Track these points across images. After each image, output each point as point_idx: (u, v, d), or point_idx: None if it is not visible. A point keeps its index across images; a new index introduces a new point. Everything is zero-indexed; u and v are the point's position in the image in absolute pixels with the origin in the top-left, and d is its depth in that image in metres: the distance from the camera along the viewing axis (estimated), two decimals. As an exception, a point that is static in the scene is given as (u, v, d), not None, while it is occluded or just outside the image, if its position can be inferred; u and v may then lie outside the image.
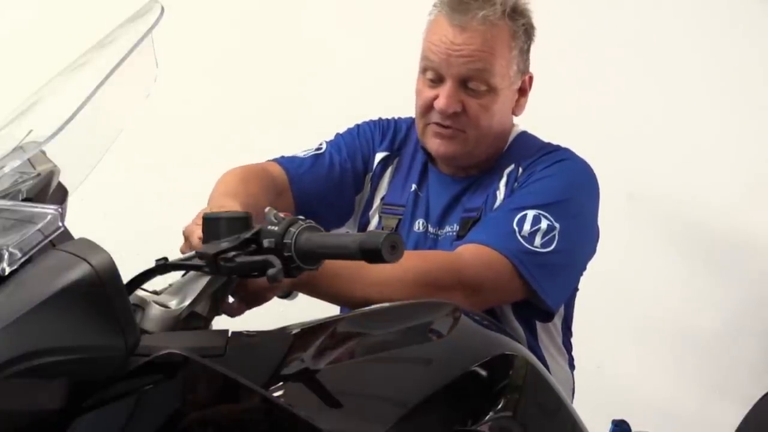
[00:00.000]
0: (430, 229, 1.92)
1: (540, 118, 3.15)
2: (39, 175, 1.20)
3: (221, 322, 1.26)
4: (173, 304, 1.21)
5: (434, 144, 1.88)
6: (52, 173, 1.23)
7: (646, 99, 3.11)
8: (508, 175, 1.90)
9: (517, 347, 1.42)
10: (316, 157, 1.99)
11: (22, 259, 1.03)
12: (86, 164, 1.32)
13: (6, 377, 0.97)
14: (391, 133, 2.02)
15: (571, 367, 1.98)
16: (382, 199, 1.98)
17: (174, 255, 1.31)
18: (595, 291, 2.62)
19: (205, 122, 2.89)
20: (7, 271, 1.02)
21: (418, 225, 1.93)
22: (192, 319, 1.22)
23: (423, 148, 1.96)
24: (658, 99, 3.12)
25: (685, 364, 3.10)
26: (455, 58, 1.82)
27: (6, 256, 1.02)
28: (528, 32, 1.90)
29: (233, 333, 1.17)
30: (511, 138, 1.96)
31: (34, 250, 1.04)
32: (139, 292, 1.21)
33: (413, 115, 1.96)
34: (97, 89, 1.12)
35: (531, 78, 1.95)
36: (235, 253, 1.18)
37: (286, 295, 1.48)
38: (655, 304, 3.08)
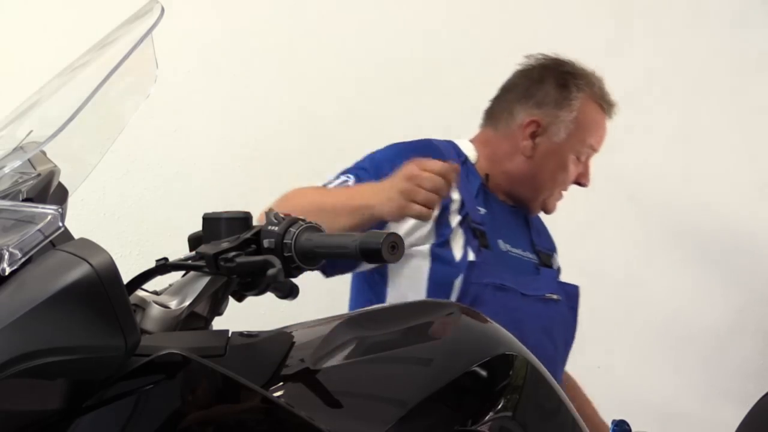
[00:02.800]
0: (511, 249, 2.11)
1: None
2: (39, 175, 1.20)
3: (221, 322, 1.26)
4: (173, 304, 1.21)
5: (555, 206, 2.21)
6: (52, 173, 1.22)
7: (648, 99, 3.11)
8: (545, 226, 2.28)
9: (517, 347, 1.42)
10: None
11: (22, 259, 1.03)
12: (86, 164, 1.32)
13: (6, 377, 0.97)
14: (440, 156, 2.03)
15: None
16: (466, 216, 2.04)
17: (174, 255, 1.31)
18: (596, 292, 2.62)
19: (206, 122, 2.89)
20: (7, 271, 1.02)
21: (501, 244, 2.09)
22: (192, 320, 1.22)
23: (472, 166, 2.13)
24: (659, 99, 3.12)
25: (685, 364, 3.11)
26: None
27: (6, 256, 1.02)
28: None
29: (233, 333, 1.17)
30: None
31: (34, 250, 1.04)
32: (139, 292, 1.21)
33: (429, 136, 2.14)
34: (97, 89, 1.12)
35: None
36: (235, 253, 1.18)
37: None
38: (655, 304, 3.08)
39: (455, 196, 2.02)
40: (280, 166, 2.83)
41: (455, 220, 2.02)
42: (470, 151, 2.17)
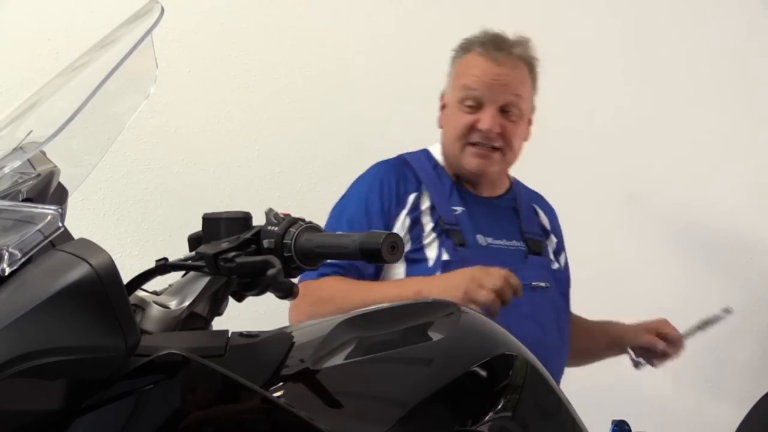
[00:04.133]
0: (494, 242, 2.14)
1: (542, 119, 3.16)
2: (39, 175, 1.20)
3: (221, 322, 1.26)
4: (173, 304, 1.21)
5: (474, 163, 2.15)
6: (52, 173, 1.22)
7: (648, 99, 3.12)
8: (537, 212, 2.29)
9: (517, 347, 1.42)
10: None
11: (22, 260, 1.03)
12: (86, 164, 1.32)
13: (6, 377, 0.97)
14: (411, 171, 2.19)
15: None
16: (438, 220, 2.11)
17: (174, 255, 1.31)
18: (595, 290, 2.62)
19: (206, 122, 2.89)
20: (7, 271, 1.02)
21: (480, 239, 2.12)
22: (192, 320, 1.22)
23: (443, 169, 2.18)
24: (659, 99, 3.12)
25: (685, 364, 3.10)
26: (497, 86, 2.13)
27: (6, 256, 1.02)
28: (538, 73, 2.23)
29: (233, 333, 1.17)
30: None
31: (34, 251, 1.04)
32: (139, 293, 1.21)
33: (401, 152, 2.22)
34: (97, 89, 1.12)
35: (534, 110, 2.26)
36: (235, 253, 1.18)
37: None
38: (654, 303, 3.07)
39: (425, 204, 2.12)
40: (280, 166, 2.84)
41: (428, 225, 2.10)
42: (439, 155, 2.24)
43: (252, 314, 1.70)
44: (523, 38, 2.21)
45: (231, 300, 1.30)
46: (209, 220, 1.25)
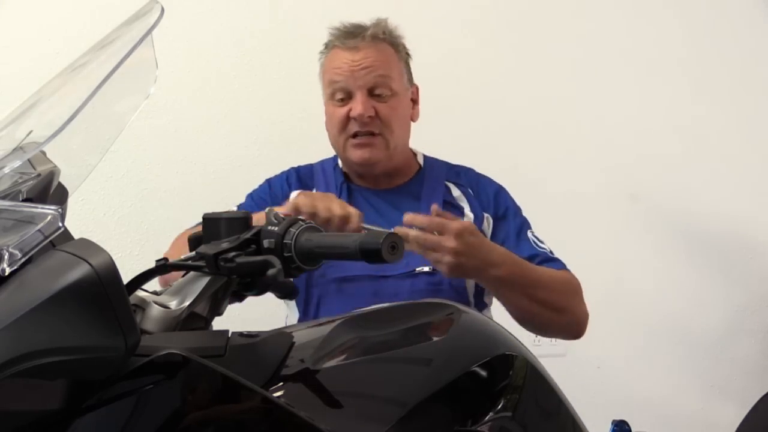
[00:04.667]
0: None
1: (542, 119, 3.16)
2: (39, 175, 1.20)
3: (221, 322, 1.26)
4: (173, 304, 1.21)
5: (357, 154, 2.11)
6: (52, 173, 1.22)
7: (648, 100, 3.12)
8: (450, 191, 2.17)
9: (517, 347, 1.42)
10: None
11: (22, 260, 1.03)
12: (86, 164, 1.32)
13: (6, 377, 0.97)
14: (296, 174, 2.23)
15: None
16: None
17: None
18: (596, 291, 2.61)
19: (206, 122, 2.89)
20: (7, 271, 1.02)
21: None
22: (192, 320, 1.22)
23: (340, 170, 2.19)
24: (660, 100, 3.12)
25: (685, 364, 3.10)
26: (359, 72, 2.09)
27: (6, 256, 1.02)
28: (405, 49, 2.19)
29: (233, 333, 1.17)
30: (420, 157, 2.24)
31: (34, 251, 1.04)
32: (139, 293, 1.21)
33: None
34: (97, 89, 1.12)
35: (417, 89, 2.22)
36: (235, 253, 1.18)
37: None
38: (655, 304, 3.08)
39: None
40: (280, 166, 2.83)
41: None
42: None
43: (252, 314, 1.70)
44: (379, 19, 2.18)
45: (231, 300, 1.30)
46: (209, 220, 1.25)
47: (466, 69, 3.06)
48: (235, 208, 2.13)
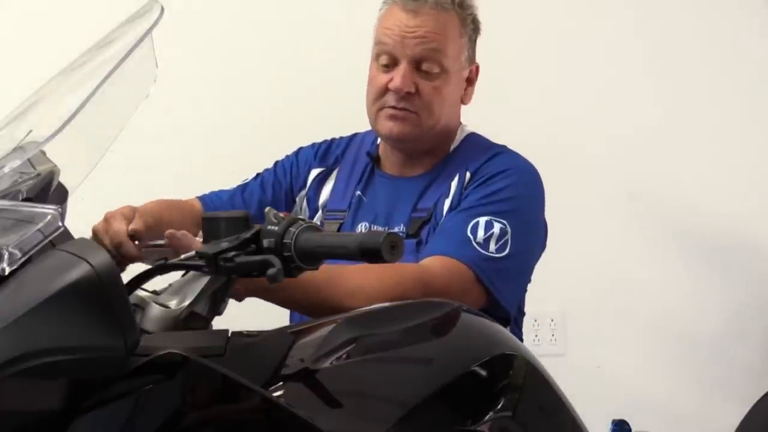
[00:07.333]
0: (375, 230, 1.89)
1: (542, 119, 3.16)
2: (39, 175, 1.20)
3: (221, 322, 1.26)
4: (173, 304, 1.21)
5: (387, 126, 1.89)
6: (52, 173, 1.23)
7: (648, 99, 3.11)
8: (459, 178, 1.89)
9: (517, 347, 1.42)
10: (239, 189, 2.07)
11: (22, 259, 1.03)
12: (86, 164, 1.32)
13: (6, 377, 0.97)
14: (325, 149, 2.06)
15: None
16: (324, 207, 1.99)
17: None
18: (595, 291, 2.62)
19: (206, 122, 2.89)
20: (7, 271, 1.02)
21: (361, 228, 1.91)
22: (192, 319, 1.22)
23: (368, 153, 1.99)
24: (659, 99, 3.12)
25: (685, 364, 3.10)
26: (410, 40, 1.86)
27: (6, 256, 1.02)
28: (475, 23, 1.95)
29: (233, 333, 1.17)
30: (459, 137, 1.97)
31: (34, 250, 1.04)
32: (139, 292, 1.21)
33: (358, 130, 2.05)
34: (97, 89, 1.12)
35: (478, 68, 1.99)
36: (234, 253, 1.18)
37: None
38: (655, 303, 3.08)
39: (328, 186, 2.01)
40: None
41: (305, 214, 2.01)
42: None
43: (252, 314, 1.70)
44: None
45: (231, 300, 1.30)
46: (209, 220, 1.25)
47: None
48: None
